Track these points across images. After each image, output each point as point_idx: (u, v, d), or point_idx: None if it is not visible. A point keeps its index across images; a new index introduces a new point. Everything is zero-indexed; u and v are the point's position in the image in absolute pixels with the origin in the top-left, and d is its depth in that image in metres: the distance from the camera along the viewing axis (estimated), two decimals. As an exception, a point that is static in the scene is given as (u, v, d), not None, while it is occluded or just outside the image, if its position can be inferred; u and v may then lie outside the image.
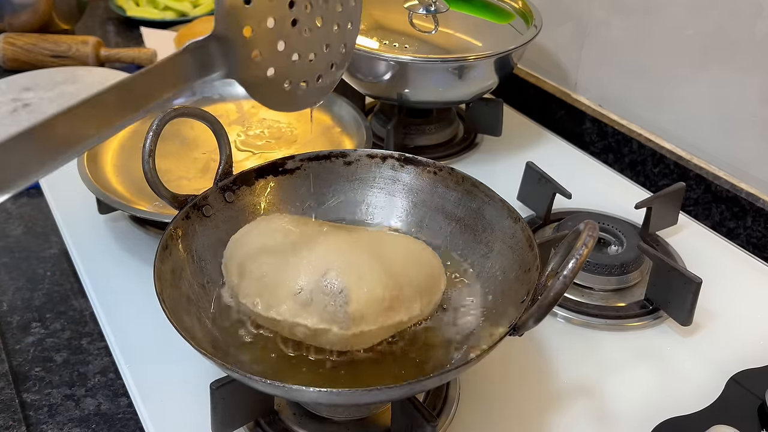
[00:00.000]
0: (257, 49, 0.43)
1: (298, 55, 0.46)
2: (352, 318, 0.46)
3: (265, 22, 0.43)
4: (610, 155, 0.91)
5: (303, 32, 0.46)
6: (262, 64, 0.44)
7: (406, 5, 0.85)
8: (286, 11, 0.44)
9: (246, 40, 0.42)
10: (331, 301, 0.46)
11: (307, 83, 0.47)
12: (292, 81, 0.46)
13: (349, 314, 0.46)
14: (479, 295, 0.54)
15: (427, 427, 0.45)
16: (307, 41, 0.46)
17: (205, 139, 0.79)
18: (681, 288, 0.60)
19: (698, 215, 0.81)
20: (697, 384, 0.57)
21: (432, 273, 0.51)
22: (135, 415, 0.56)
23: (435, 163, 0.59)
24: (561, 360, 0.59)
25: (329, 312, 0.46)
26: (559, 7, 0.94)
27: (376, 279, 0.47)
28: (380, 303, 0.47)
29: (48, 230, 0.77)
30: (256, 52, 0.43)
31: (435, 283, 0.51)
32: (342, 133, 0.81)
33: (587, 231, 0.43)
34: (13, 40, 1.10)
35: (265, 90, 0.45)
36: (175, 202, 0.53)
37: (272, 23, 0.43)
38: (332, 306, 0.46)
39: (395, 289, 0.48)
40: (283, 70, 0.45)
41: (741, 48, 0.74)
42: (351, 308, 0.46)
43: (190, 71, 0.40)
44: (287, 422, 0.51)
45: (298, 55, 0.46)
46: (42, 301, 0.68)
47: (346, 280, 0.47)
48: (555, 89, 0.98)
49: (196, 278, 0.52)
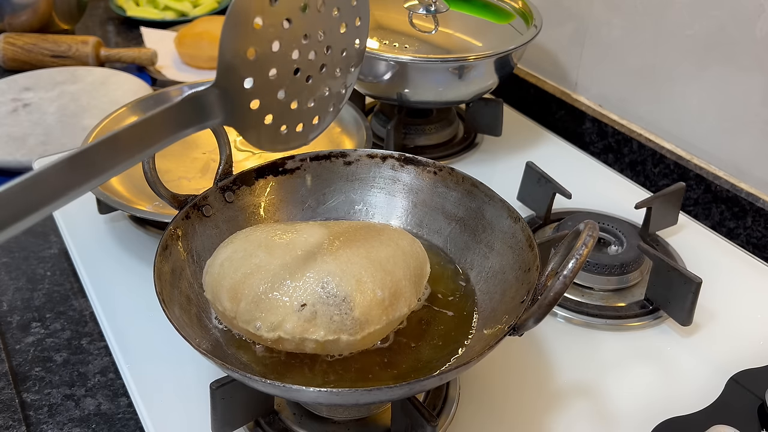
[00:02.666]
0: (257, 99, 0.42)
1: (298, 103, 0.45)
2: (360, 323, 0.46)
3: (267, 74, 0.42)
4: (610, 155, 0.91)
5: (304, 80, 0.45)
6: (260, 112, 0.43)
7: (406, 5, 0.85)
8: (289, 63, 0.43)
9: (246, 91, 0.41)
10: (336, 310, 0.46)
11: (304, 125, 0.46)
12: (288, 126, 0.45)
13: (356, 320, 0.46)
14: (479, 295, 0.54)
15: (427, 427, 0.45)
16: (308, 88, 0.45)
17: (205, 139, 0.79)
18: (681, 288, 0.60)
19: (698, 215, 0.81)
20: (697, 384, 0.57)
21: (419, 258, 0.52)
22: (135, 415, 0.56)
23: (435, 163, 0.59)
24: (561, 360, 0.59)
25: (336, 322, 0.46)
26: (559, 7, 0.94)
27: (374, 280, 0.47)
28: (382, 302, 0.47)
29: (48, 230, 0.77)
30: (256, 102, 0.42)
31: (423, 267, 0.52)
32: (342, 133, 0.81)
33: (587, 231, 0.43)
34: (13, 40, 1.10)
35: (260, 134, 0.44)
36: (175, 202, 0.53)
37: (274, 74, 0.43)
38: (338, 315, 0.46)
39: (393, 285, 0.48)
40: (280, 117, 0.44)
41: (742, 48, 0.74)
42: (357, 313, 0.46)
43: (188, 120, 0.39)
44: (287, 422, 0.51)
45: (297, 103, 0.45)
46: (42, 301, 0.68)
47: (347, 287, 0.46)
48: (555, 89, 0.98)
49: (196, 278, 0.52)
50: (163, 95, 0.85)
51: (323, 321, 0.45)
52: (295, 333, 0.46)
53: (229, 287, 0.48)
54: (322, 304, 0.46)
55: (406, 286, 0.49)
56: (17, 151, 0.87)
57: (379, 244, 0.50)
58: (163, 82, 1.08)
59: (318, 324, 0.45)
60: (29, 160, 0.84)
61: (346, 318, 0.46)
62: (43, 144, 0.88)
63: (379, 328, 0.47)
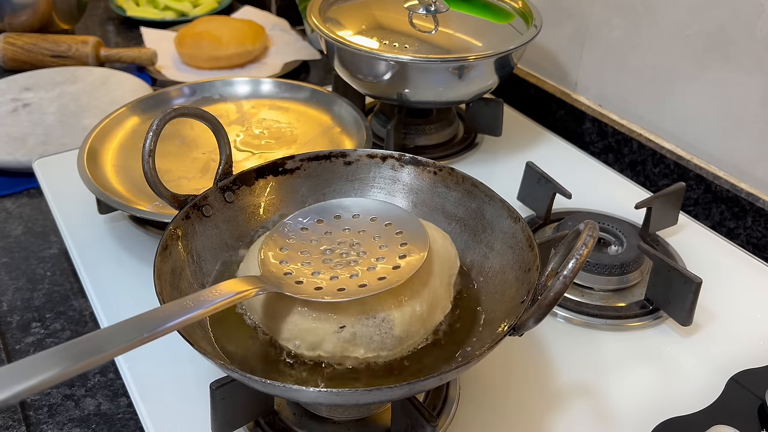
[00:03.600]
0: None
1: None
2: (400, 339, 0.46)
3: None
4: (610, 155, 0.91)
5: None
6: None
7: (406, 5, 0.85)
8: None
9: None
10: (376, 331, 0.46)
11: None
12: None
13: (396, 337, 0.46)
14: (479, 295, 0.54)
15: (427, 427, 0.45)
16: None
17: (205, 139, 0.79)
18: (681, 288, 0.60)
19: (698, 215, 0.81)
20: (697, 384, 0.57)
21: (450, 257, 0.52)
22: (135, 415, 0.56)
23: (435, 163, 0.59)
24: (561, 360, 0.59)
25: (376, 341, 0.46)
26: (559, 7, 0.94)
27: (413, 296, 0.47)
28: (421, 316, 0.47)
29: (48, 230, 0.77)
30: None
31: (454, 266, 0.52)
32: (342, 133, 0.81)
33: (587, 231, 0.43)
34: (13, 40, 1.10)
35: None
36: (175, 202, 0.53)
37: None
38: (378, 335, 0.46)
39: (430, 296, 0.48)
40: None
41: (742, 48, 0.74)
42: (397, 332, 0.46)
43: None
44: (287, 422, 0.51)
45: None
46: (42, 301, 0.68)
47: (386, 306, 0.46)
48: (555, 89, 0.98)
49: (196, 278, 0.52)
50: (163, 95, 0.85)
51: (363, 341, 0.46)
52: (336, 353, 0.46)
53: (264, 302, 0.48)
54: (360, 326, 0.46)
55: (443, 294, 0.50)
56: (17, 151, 0.87)
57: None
58: (163, 82, 1.08)
59: (358, 344, 0.46)
60: (29, 160, 0.84)
61: (386, 337, 0.46)
62: (43, 144, 0.88)
63: (417, 339, 0.47)
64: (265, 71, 1.11)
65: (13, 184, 0.85)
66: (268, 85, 0.89)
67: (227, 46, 1.10)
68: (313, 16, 0.82)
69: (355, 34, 0.81)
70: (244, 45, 1.11)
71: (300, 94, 0.88)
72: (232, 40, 1.11)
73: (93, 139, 0.76)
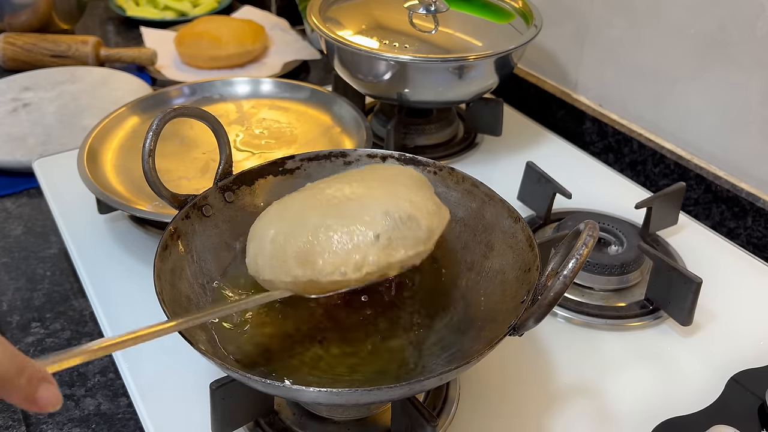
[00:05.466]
0: None
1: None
2: (430, 230, 0.49)
3: None
4: (611, 155, 0.91)
5: None
6: None
7: (406, 5, 0.85)
8: None
9: None
10: (407, 231, 0.48)
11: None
12: None
13: (426, 228, 0.49)
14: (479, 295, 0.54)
15: (427, 427, 0.45)
16: None
17: (205, 139, 0.79)
18: (681, 288, 0.60)
19: (698, 215, 0.81)
20: (697, 384, 0.57)
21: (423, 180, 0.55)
22: (135, 415, 0.56)
23: (435, 163, 0.59)
24: (561, 360, 0.59)
25: (410, 238, 0.48)
26: (559, 7, 0.94)
27: (419, 196, 0.50)
28: (434, 211, 0.50)
29: (48, 230, 0.77)
30: None
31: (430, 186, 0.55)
32: (342, 133, 0.81)
33: (587, 231, 0.43)
34: (13, 40, 1.10)
35: None
36: (175, 202, 0.53)
37: None
38: (410, 232, 0.48)
39: (431, 197, 0.51)
40: None
41: (742, 48, 0.74)
42: (425, 223, 0.49)
43: None
44: (287, 422, 0.51)
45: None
46: (42, 301, 0.68)
47: (405, 208, 0.49)
48: (555, 89, 0.98)
49: (196, 278, 0.52)
50: (163, 95, 0.85)
51: (399, 243, 0.48)
52: (380, 262, 0.47)
53: (296, 255, 0.48)
54: (393, 230, 0.48)
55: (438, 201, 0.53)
56: (17, 151, 0.86)
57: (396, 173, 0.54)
58: (163, 81, 1.08)
59: (396, 246, 0.48)
60: (29, 160, 0.84)
61: (419, 231, 0.48)
62: (43, 144, 0.88)
63: (438, 235, 0.50)
64: (265, 71, 1.11)
65: (13, 184, 0.85)
66: (268, 85, 0.89)
67: (227, 45, 1.10)
68: (313, 16, 0.82)
69: (355, 34, 0.81)
70: (244, 45, 1.11)
71: (300, 94, 0.88)
72: (232, 40, 1.10)
73: (93, 139, 0.76)
